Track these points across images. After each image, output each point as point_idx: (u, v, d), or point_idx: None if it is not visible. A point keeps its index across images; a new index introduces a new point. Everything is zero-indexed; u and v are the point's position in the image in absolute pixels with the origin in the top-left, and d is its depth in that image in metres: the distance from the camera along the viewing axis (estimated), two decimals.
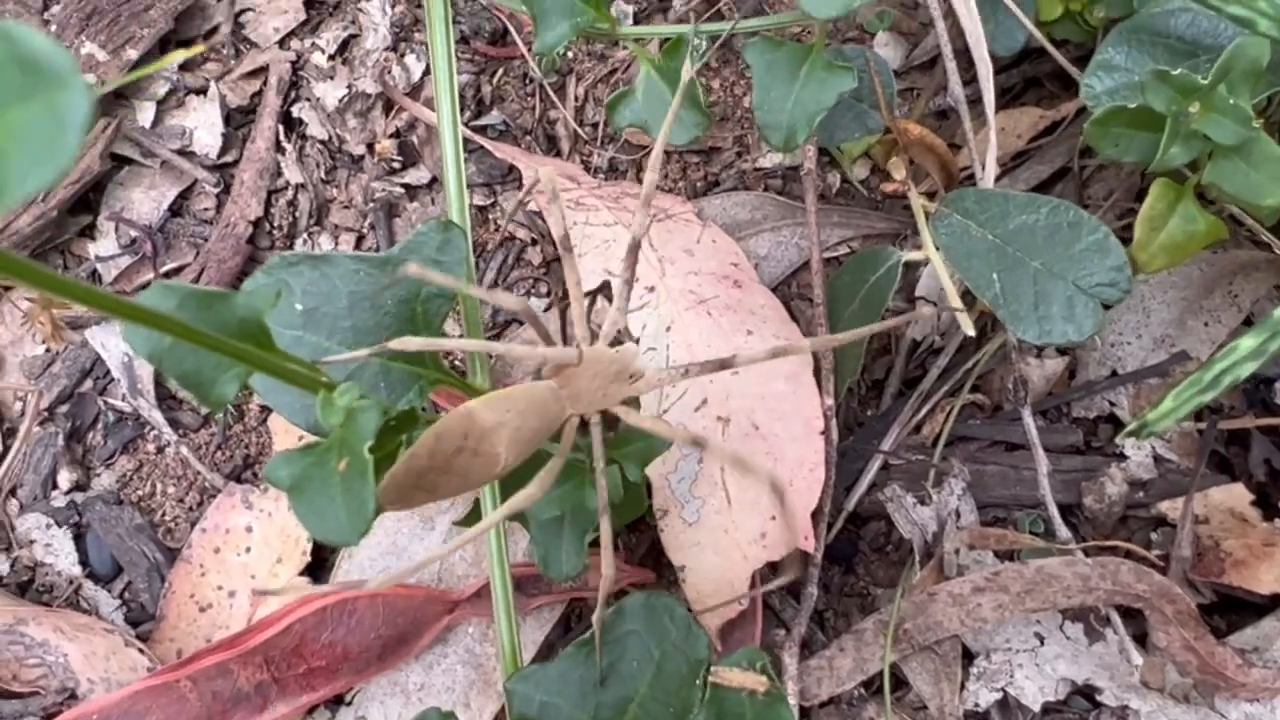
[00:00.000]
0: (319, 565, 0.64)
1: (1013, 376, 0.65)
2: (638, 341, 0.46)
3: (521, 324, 0.69)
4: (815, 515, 0.62)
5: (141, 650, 0.61)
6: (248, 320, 0.36)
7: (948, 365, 0.70)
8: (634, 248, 0.45)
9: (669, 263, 0.67)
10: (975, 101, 0.69)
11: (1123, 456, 0.67)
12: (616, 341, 0.46)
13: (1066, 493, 0.66)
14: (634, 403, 0.47)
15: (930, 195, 0.67)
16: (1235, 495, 0.66)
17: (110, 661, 0.60)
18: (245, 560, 0.64)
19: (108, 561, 0.65)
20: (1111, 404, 0.69)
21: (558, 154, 0.73)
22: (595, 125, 0.74)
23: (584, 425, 0.47)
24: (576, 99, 0.74)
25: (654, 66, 0.54)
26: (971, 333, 0.56)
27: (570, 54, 0.75)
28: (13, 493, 0.66)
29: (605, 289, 0.46)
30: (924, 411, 0.69)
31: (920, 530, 0.65)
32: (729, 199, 0.71)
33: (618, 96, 0.54)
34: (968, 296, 0.70)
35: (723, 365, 0.44)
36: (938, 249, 0.58)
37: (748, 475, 0.44)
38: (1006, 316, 0.55)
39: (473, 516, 0.57)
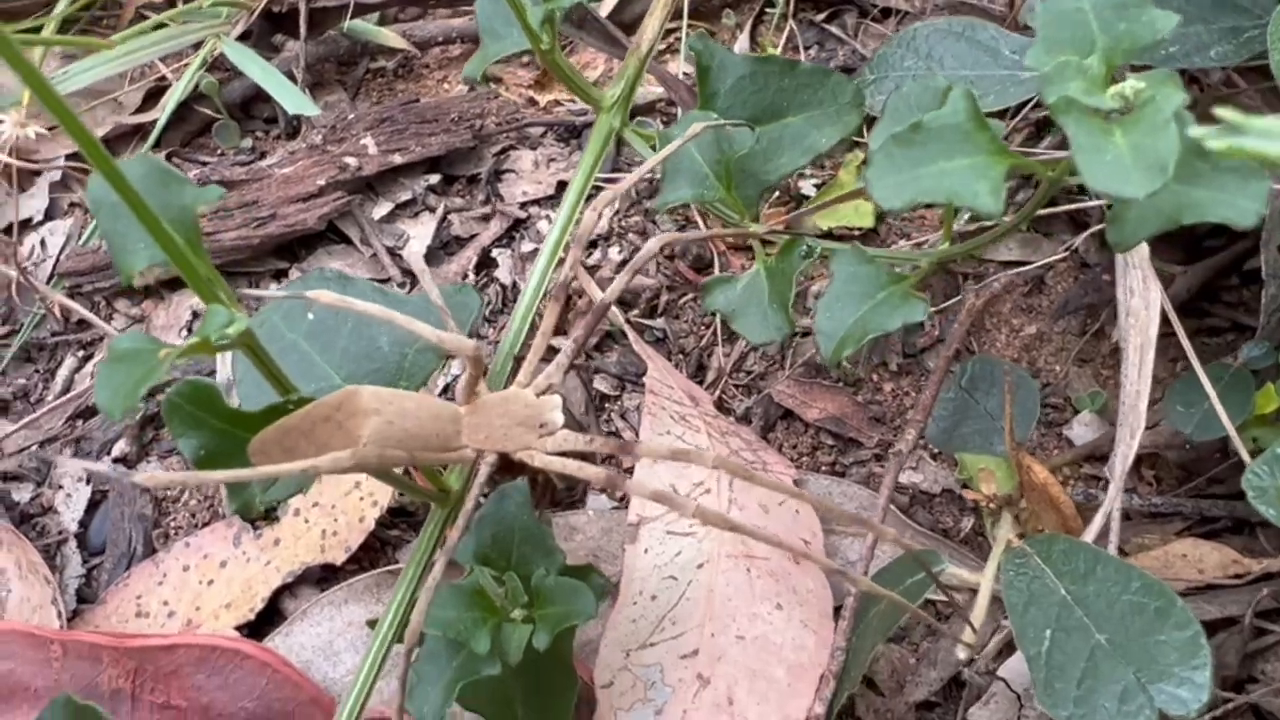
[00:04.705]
0: (258, 628, 0.61)
1: None
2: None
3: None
4: None
5: (59, 615, 0.60)
6: (185, 210, 0.37)
7: None
8: (600, 310, 0.42)
9: (738, 508, 0.62)
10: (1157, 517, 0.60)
11: None
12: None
13: None
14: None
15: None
16: None
17: (34, 613, 0.59)
18: (202, 589, 0.61)
19: (102, 536, 0.65)
20: None
21: (700, 382, 0.71)
22: (749, 373, 0.72)
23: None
24: (742, 349, 0.73)
25: (764, 264, 0.52)
26: (962, 656, 0.46)
27: None
28: (78, 441, 0.70)
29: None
30: None
31: None
32: (838, 485, 0.65)
33: (717, 279, 0.52)
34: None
35: (623, 449, 0.40)
36: (997, 580, 0.49)
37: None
38: (1039, 682, 0.45)
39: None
